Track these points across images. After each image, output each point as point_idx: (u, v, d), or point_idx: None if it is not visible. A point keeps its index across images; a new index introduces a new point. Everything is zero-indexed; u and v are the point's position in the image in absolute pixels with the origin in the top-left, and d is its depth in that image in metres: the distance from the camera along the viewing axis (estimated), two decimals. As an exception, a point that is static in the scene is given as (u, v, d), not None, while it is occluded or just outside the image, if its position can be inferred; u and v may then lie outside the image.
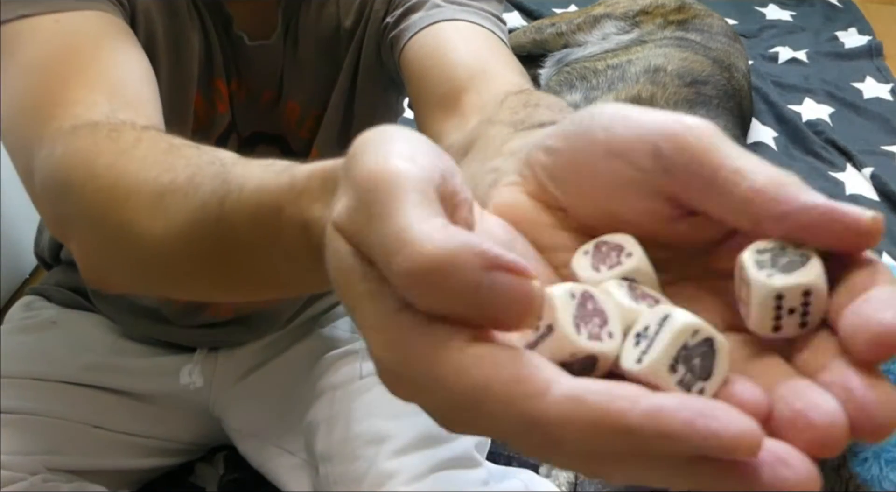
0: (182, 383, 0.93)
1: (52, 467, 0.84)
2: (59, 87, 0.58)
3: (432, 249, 0.23)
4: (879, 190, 1.61)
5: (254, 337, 0.96)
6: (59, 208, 0.53)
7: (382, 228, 0.24)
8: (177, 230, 0.42)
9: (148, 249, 0.45)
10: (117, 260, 0.51)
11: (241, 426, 0.96)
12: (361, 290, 0.26)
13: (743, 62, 1.70)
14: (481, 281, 0.23)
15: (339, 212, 0.27)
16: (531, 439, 0.24)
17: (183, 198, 0.42)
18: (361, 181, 0.26)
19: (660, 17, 1.72)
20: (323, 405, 0.88)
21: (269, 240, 0.36)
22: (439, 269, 0.23)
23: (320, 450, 0.85)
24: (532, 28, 1.87)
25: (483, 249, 0.24)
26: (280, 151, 0.84)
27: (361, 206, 0.26)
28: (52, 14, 0.63)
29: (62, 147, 0.52)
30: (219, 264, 0.42)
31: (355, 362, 0.90)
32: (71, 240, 0.53)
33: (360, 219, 0.26)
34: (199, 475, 1.03)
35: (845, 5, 2.33)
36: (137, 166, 0.47)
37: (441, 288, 0.23)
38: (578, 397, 0.23)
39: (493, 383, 0.23)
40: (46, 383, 0.88)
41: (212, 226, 0.39)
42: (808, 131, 1.76)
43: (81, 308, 0.96)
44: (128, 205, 0.46)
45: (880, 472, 0.77)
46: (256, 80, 0.79)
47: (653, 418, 0.23)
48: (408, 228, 0.24)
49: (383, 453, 0.79)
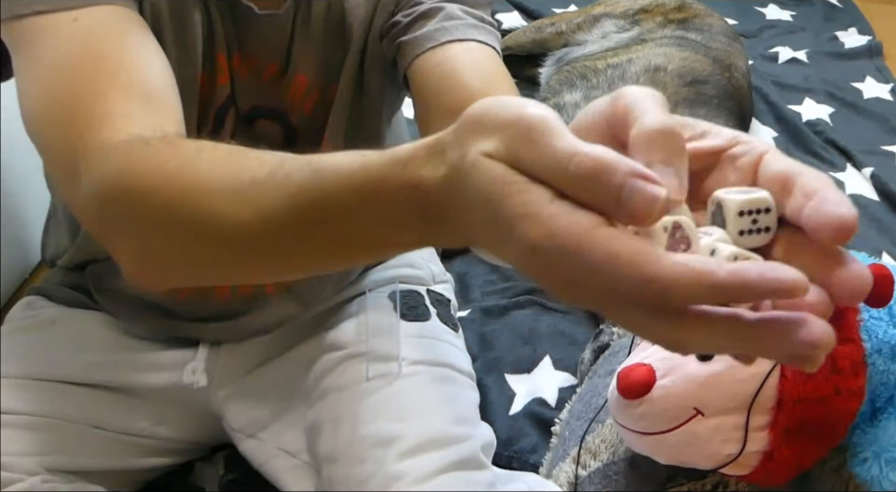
0: (185, 382, 0.93)
1: (51, 468, 0.84)
2: (94, 94, 0.62)
3: (598, 155, 0.34)
4: (879, 190, 1.61)
5: (257, 332, 0.96)
6: (114, 213, 0.58)
7: (551, 147, 0.35)
8: (267, 215, 0.49)
9: (233, 236, 0.52)
10: (192, 252, 0.57)
11: (241, 426, 0.95)
12: (519, 189, 0.36)
13: (743, 62, 1.70)
14: (626, 182, 0.34)
15: (490, 146, 0.37)
16: (644, 295, 0.33)
17: (271, 188, 0.49)
18: (515, 122, 0.37)
19: (660, 15, 1.72)
20: (327, 406, 0.88)
21: (372, 207, 0.44)
22: (604, 169, 0.34)
23: (324, 451, 0.85)
24: (532, 28, 1.87)
25: (631, 162, 0.34)
26: (279, 126, 0.85)
27: (520, 137, 0.36)
28: (69, 11, 0.65)
29: (118, 159, 0.57)
30: (310, 238, 0.49)
31: (360, 364, 0.89)
32: (121, 241, 0.59)
33: (520, 145, 0.36)
34: (199, 475, 1.03)
35: (845, 5, 2.33)
36: (209, 168, 0.54)
37: (600, 183, 0.34)
38: (684, 262, 0.32)
39: (623, 251, 0.33)
40: (46, 384, 0.88)
41: (310, 206, 0.47)
42: (808, 131, 1.76)
43: (83, 306, 0.96)
44: (208, 201, 0.52)
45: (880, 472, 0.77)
46: (262, 52, 0.80)
47: (736, 274, 0.32)
48: (575, 144, 0.35)
49: (390, 455, 0.79)
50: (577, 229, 0.34)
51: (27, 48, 0.67)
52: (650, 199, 0.33)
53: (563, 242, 0.34)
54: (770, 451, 0.75)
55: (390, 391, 0.87)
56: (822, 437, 0.76)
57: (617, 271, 0.33)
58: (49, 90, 0.64)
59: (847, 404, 0.75)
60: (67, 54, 0.64)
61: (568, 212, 0.34)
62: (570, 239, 0.34)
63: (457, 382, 0.92)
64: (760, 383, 0.74)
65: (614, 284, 0.33)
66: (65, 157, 0.61)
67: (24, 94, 0.67)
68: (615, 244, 0.33)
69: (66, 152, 0.61)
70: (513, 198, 0.36)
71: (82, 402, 0.89)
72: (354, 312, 0.96)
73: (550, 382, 1.15)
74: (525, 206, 0.35)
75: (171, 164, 0.55)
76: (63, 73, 0.64)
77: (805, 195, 0.36)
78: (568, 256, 0.34)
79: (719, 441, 0.76)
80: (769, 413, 0.74)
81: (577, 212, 0.34)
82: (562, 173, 0.35)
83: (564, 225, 0.34)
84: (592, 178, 0.34)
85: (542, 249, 0.34)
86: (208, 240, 0.55)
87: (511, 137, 0.37)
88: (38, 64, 0.65)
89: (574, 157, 0.35)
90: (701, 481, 0.84)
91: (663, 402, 0.76)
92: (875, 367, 0.77)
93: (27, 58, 0.67)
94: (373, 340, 0.92)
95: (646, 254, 0.33)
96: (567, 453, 0.93)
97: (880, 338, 0.76)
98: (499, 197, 0.36)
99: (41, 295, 0.98)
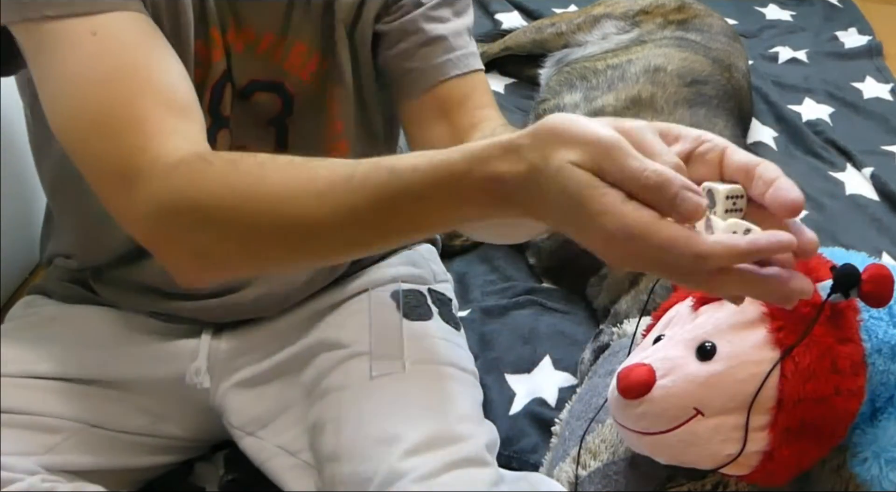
0: (188, 382, 0.93)
1: (50, 467, 0.84)
2: (132, 110, 0.68)
3: (661, 171, 0.49)
4: (879, 190, 1.61)
5: (259, 307, 0.95)
6: (178, 227, 0.66)
7: (628, 163, 0.50)
8: (347, 213, 0.60)
9: (315, 234, 0.63)
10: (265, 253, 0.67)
11: (241, 423, 0.96)
12: (601, 193, 0.50)
13: (743, 62, 1.70)
14: (679, 193, 0.49)
15: (576, 157, 0.51)
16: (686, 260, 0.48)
17: (351, 190, 0.59)
18: (596, 140, 0.51)
19: (660, 16, 1.72)
20: (329, 405, 0.88)
21: (452, 196, 0.56)
22: (665, 183, 0.49)
23: (327, 450, 0.85)
24: (532, 28, 1.87)
25: (683, 178, 0.50)
26: (278, 96, 0.87)
27: (602, 153, 0.50)
28: (83, 19, 0.68)
29: (182, 178, 0.65)
30: (385, 226, 0.61)
31: (363, 363, 0.89)
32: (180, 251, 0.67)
33: (602, 160, 0.50)
34: (199, 475, 1.03)
35: (845, 5, 2.33)
36: (280, 178, 0.63)
37: (662, 192, 0.49)
38: (720, 241, 0.49)
39: (677, 235, 0.48)
40: (46, 382, 0.88)
41: (391, 200, 0.58)
42: (808, 131, 1.76)
43: (83, 301, 0.96)
44: (289, 207, 0.62)
45: (880, 472, 0.78)
46: (258, 22, 0.83)
47: (753, 243, 0.48)
48: (645, 162, 0.50)
49: (394, 453, 0.79)
50: (643, 221, 0.49)
51: (46, 57, 0.70)
52: (695, 205, 0.49)
53: (633, 230, 0.49)
54: (770, 451, 0.75)
55: (393, 390, 0.87)
56: (822, 437, 0.76)
57: (675, 250, 0.48)
58: (84, 106, 0.68)
59: (847, 404, 0.75)
60: (97, 70, 0.68)
61: (635, 209, 0.49)
62: (638, 227, 0.49)
63: (460, 380, 0.93)
64: (760, 383, 0.74)
65: (671, 259, 0.49)
66: (112, 173, 0.67)
67: (54, 107, 0.71)
68: (671, 231, 0.49)
69: (114, 170, 0.67)
70: (595, 199, 0.50)
71: (82, 400, 0.89)
72: (357, 310, 0.96)
73: (550, 382, 1.15)
74: (604, 205, 0.50)
75: (238, 178, 0.64)
76: (96, 89, 0.68)
77: (765, 183, 0.52)
78: (634, 240, 0.49)
79: (719, 441, 0.76)
80: (769, 413, 0.74)
81: (641, 209, 0.49)
82: (636, 183, 0.50)
83: (633, 219, 0.49)
84: (657, 188, 0.49)
85: (617, 236, 0.50)
86: (288, 241, 0.64)
87: (594, 151, 0.51)
88: (65, 77, 0.69)
89: (644, 171, 0.49)
90: (701, 481, 0.84)
91: (663, 402, 0.76)
92: (875, 367, 0.77)
93: (50, 68, 0.70)
94: (376, 339, 0.92)
95: (692, 236, 0.49)
96: (567, 453, 0.93)
97: (880, 338, 0.77)
98: (584, 197, 0.50)
99: (41, 293, 0.99)
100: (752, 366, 0.74)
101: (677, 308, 0.85)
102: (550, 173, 0.51)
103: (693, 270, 0.49)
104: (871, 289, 0.72)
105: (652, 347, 0.81)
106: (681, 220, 0.50)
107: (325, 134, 0.91)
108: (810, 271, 0.76)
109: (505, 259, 1.37)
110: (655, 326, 0.87)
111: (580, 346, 1.16)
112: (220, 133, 0.86)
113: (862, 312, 0.77)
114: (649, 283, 1.16)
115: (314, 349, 0.94)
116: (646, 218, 0.49)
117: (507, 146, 0.54)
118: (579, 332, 1.23)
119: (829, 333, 0.74)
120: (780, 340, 0.74)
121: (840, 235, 1.46)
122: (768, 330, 0.75)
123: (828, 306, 0.74)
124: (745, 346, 0.76)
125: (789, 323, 0.74)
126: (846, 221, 1.53)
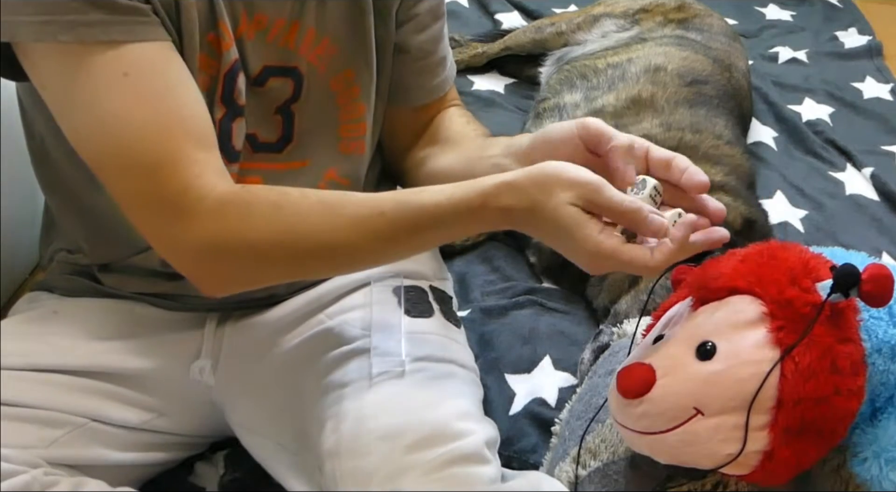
0: (192, 379, 0.93)
1: (52, 461, 0.84)
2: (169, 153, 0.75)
3: (631, 201, 0.73)
4: (879, 190, 1.61)
5: (268, 289, 0.95)
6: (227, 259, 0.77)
7: (610, 198, 0.72)
8: (382, 240, 0.77)
9: (350, 260, 0.82)
10: (298, 273, 0.87)
11: (242, 420, 0.96)
12: (584, 225, 0.72)
13: (743, 62, 1.70)
14: (647, 216, 0.72)
15: (571, 197, 0.72)
16: (641, 271, 0.73)
17: (384, 221, 0.76)
18: (585, 183, 0.73)
19: (660, 15, 1.72)
20: (330, 402, 0.88)
21: (470, 223, 0.77)
22: (638, 209, 0.72)
23: (327, 446, 0.85)
24: (532, 28, 1.87)
25: (649, 206, 0.74)
26: (291, 80, 0.90)
27: (587, 192, 0.72)
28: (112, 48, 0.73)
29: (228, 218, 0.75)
30: (408, 246, 0.81)
31: (365, 360, 0.90)
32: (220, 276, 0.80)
33: (592, 196, 0.72)
34: (199, 475, 1.03)
35: (845, 5, 2.33)
36: (318, 215, 0.77)
37: (636, 217, 0.72)
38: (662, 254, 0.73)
39: (634, 256, 0.73)
40: (47, 375, 0.88)
41: (418, 228, 0.77)
42: (808, 131, 1.76)
43: (86, 293, 0.96)
44: (328, 236, 0.77)
45: (880, 472, 0.78)
46: (270, 7, 0.85)
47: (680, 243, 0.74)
48: (621, 198, 0.73)
49: (396, 449, 0.80)
50: (612, 246, 0.72)
51: (70, 84, 0.73)
52: (659, 225, 0.73)
53: (605, 252, 0.72)
54: (770, 451, 0.75)
55: (394, 388, 0.87)
56: (822, 437, 0.76)
57: (634, 265, 0.73)
58: (119, 146, 0.74)
59: (847, 403, 0.75)
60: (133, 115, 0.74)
61: (607, 237, 0.72)
62: (608, 251, 0.72)
63: (460, 378, 0.93)
64: (760, 383, 0.74)
65: (631, 269, 0.73)
66: (153, 210, 0.76)
67: (85, 140, 0.76)
68: (632, 253, 0.73)
69: (155, 207, 0.75)
70: (580, 229, 0.72)
71: (84, 394, 0.89)
72: (359, 304, 0.96)
73: (550, 382, 1.15)
74: (585, 234, 0.72)
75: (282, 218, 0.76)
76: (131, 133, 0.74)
77: (679, 170, 0.78)
78: (607, 259, 0.73)
79: (719, 441, 0.76)
80: (769, 413, 0.74)
81: (611, 237, 0.72)
82: (616, 211, 0.73)
83: (605, 245, 0.72)
84: (632, 214, 0.72)
85: (594, 255, 0.73)
86: (326, 265, 0.83)
87: (583, 191, 0.73)
88: (98, 116, 0.74)
89: (623, 203, 0.72)
90: (701, 481, 0.84)
91: (663, 402, 0.76)
92: (875, 367, 0.77)
93: (74, 96, 0.74)
94: (377, 336, 0.92)
95: (646, 257, 0.73)
96: (567, 452, 0.93)
97: (880, 338, 0.77)
98: (572, 228, 0.72)
99: (43, 290, 0.99)
100: (752, 366, 0.74)
101: (677, 308, 0.85)
102: (549, 209, 0.73)
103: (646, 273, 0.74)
104: (871, 289, 0.72)
105: (652, 347, 0.81)
106: (650, 235, 0.73)
107: (338, 117, 0.94)
108: (811, 271, 0.76)
109: (505, 259, 1.37)
110: (655, 326, 0.87)
111: (580, 346, 1.16)
112: (236, 122, 0.87)
113: (862, 312, 0.77)
114: (649, 283, 1.16)
115: (316, 345, 0.94)
116: (614, 243, 0.72)
117: (512, 185, 0.74)
118: (579, 332, 1.23)
119: (829, 332, 0.74)
120: (780, 340, 0.74)
121: (840, 235, 1.46)
122: (768, 330, 0.75)
123: (828, 306, 0.74)
124: (745, 345, 0.76)
125: (789, 323, 0.74)
126: (846, 221, 1.53)
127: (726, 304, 0.79)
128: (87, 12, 0.71)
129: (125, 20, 0.73)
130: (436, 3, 0.98)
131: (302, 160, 0.93)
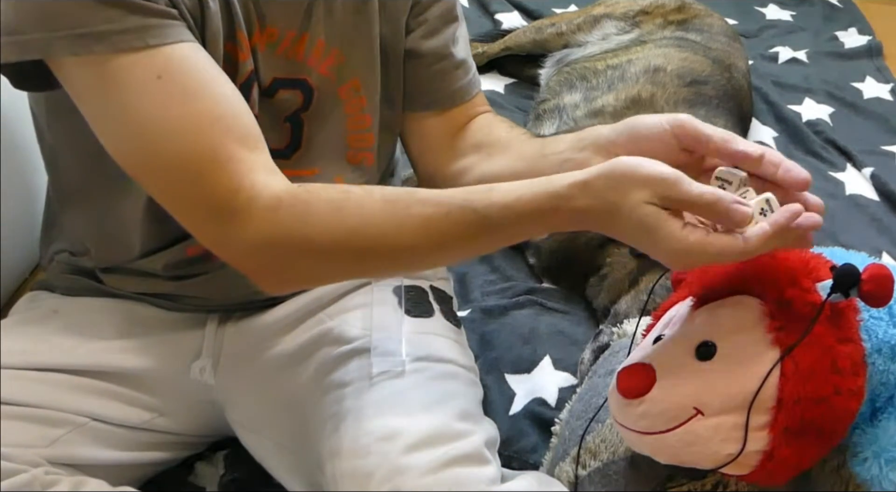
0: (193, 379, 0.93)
1: (53, 460, 0.84)
2: (213, 154, 0.73)
3: (712, 191, 0.68)
4: (879, 190, 1.61)
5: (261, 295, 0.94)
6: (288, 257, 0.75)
7: (687, 191, 0.68)
8: (445, 240, 0.74)
9: (414, 261, 0.80)
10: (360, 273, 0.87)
11: (242, 420, 0.96)
12: (665, 223, 0.68)
13: (743, 62, 1.70)
14: (729, 206, 0.67)
15: (647, 196, 0.68)
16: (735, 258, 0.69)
17: (450, 222, 0.73)
18: (661, 179, 0.68)
19: (660, 17, 1.72)
20: (331, 402, 0.88)
21: (543, 224, 0.74)
22: (717, 201, 0.67)
23: (327, 446, 0.85)
24: (532, 28, 1.87)
25: (730, 194, 0.68)
26: (300, 92, 0.89)
27: (666, 187, 0.68)
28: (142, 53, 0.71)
29: (285, 218, 0.73)
30: (475, 248, 0.79)
31: (365, 360, 0.90)
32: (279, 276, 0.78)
33: (667, 192, 0.68)
34: (199, 475, 1.03)
35: (845, 5, 2.33)
36: (381, 216, 0.74)
37: (716, 208, 0.67)
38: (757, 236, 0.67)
39: (724, 245, 0.67)
40: (47, 375, 0.88)
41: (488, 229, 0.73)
42: (808, 131, 1.76)
43: (86, 292, 0.96)
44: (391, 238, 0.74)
45: (880, 472, 0.77)
46: (281, 19, 0.85)
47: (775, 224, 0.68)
48: (701, 188, 0.68)
49: (396, 449, 0.80)
50: (696, 239, 0.67)
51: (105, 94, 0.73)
52: (742, 215, 0.67)
53: (691, 248, 0.67)
54: (770, 451, 0.75)
55: (394, 388, 0.87)
56: (822, 437, 0.76)
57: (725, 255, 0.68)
58: (161, 152, 0.73)
59: (847, 403, 0.75)
60: (170, 117, 0.72)
61: (691, 232, 0.68)
62: (693, 246, 0.67)
63: (460, 378, 0.93)
64: (760, 383, 0.74)
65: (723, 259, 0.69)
66: (205, 213, 0.74)
67: (123, 148, 0.75)
68: (721, 242, 0.67)
69: (207, 209, 0.73)
70: (661, 228, 0.68)
71: (84, 393, 0.89)
72: (359, 304, 0.96)
73: (550, 382, 1.15)
74: (668, 232, 0.68)
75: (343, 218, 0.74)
76: (172, 136, 0.72)
77: (773, 165, 0.73)
78: (693, 255, 0.68)
79: (719, 441, 0.76)
80: (769, 413, 0.74)
81: (695, 231, 0.68)
82: (696, 206, 0.68)
83: (691, 239, 0.67)
84: (711, 206, 0.67)
85: (679, 253, 0.68)
86: (387, 265, 0.80)
87: (660, 188, 0.68)
88: (135, 122, 0.73)
89: (702, 195, 0.67)
90: (701, 481, 0.84)
91: (663, 402, 0.76)
92: (875, 367, 0.76)
93: (109, 106, 0.73)
94: (377, 336, 0.92)
95: (737, 243, 0.67)
96: (567, 452, 0.93)
97: (880, 338, 0.76)
98: (653, 227, 0.68)
99: (44, 289, 0.99)
100: (752, 365, 0.74)
101: (677, 308, 0.85)
102: (626, 210, 0.69)
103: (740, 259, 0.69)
104: (871, 289, 0.72)
105: (652, 347, 0.81)
106: (732, 225, 0.67)
107: (346, 126, 0.94)
108: (811, 271, 0.76)
109: (505, 259, 1.37)
110: (655, 326, 0.87)
111: (580, 346, 1.16)
112: None
113: (862, 312, 0.77)
114: (649, 283, 1.16)
115: (316, 345, 0.94)
116: (699, 236, 0.67)
117: (584, 186, 0.70)
118: (579, 332, 1.23)
119: (829, 332, 0.74)
120: (781, 340, 0.74)
121: (840, 235, 1.46)
122: (768, 330, 0.75)
123: (828, 306, 0.74)
124: (745, 345, 0.76)
125: (789, 323, 0.74)
126: (846, 221, 1.53)
127: (726, 304, 0.79)
128: (123, 19, 0.70)
129: (158, 24, 0.72)
130: (447, 8, 0.97)
131: (311, 169, 0.92)
